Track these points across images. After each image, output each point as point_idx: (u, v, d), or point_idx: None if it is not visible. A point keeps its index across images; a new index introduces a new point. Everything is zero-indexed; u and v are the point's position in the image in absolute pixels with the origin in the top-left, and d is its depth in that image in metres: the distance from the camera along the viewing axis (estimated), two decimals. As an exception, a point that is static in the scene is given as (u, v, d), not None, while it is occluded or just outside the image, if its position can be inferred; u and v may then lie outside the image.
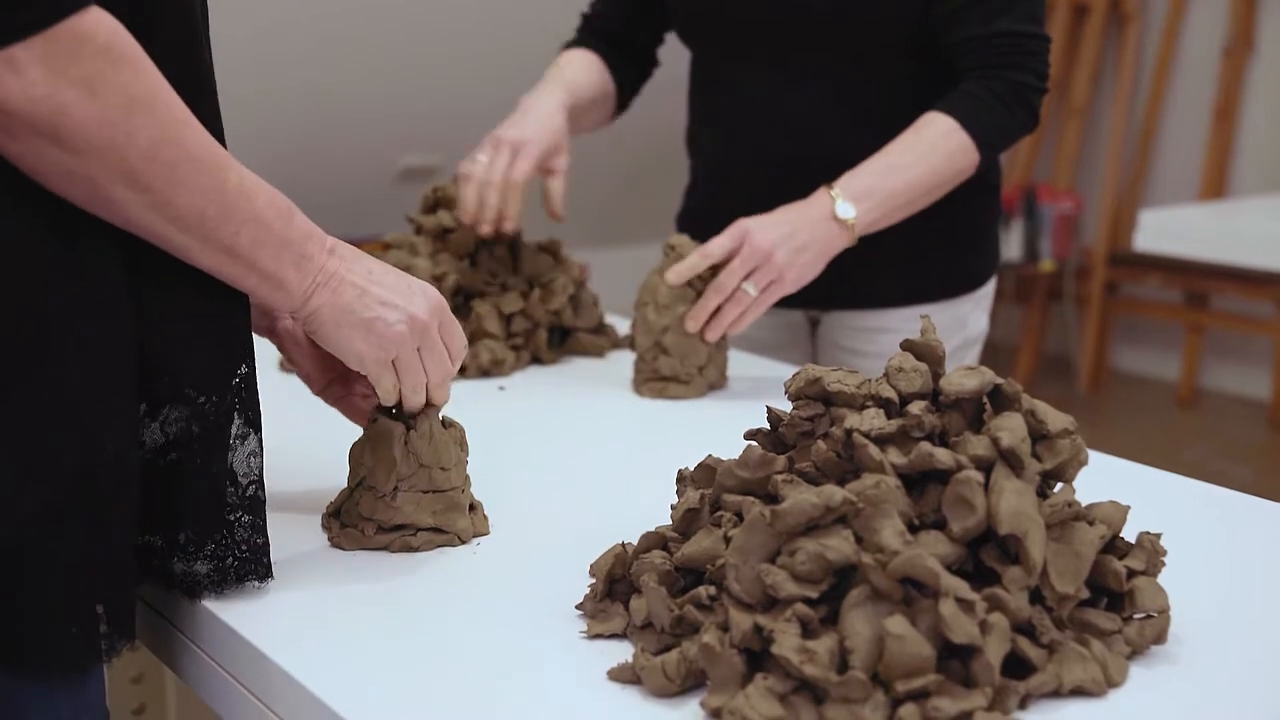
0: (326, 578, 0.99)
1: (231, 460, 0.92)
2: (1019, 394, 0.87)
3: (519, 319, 1.59)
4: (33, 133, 0.79)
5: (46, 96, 0.78)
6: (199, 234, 0.86)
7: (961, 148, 1.49)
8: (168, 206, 0.84)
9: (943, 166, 1.49)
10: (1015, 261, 4.51)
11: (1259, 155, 4.41)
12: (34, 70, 0.77)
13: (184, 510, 0.91)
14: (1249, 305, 4.38)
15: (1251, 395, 4.48)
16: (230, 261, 0.89)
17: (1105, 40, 4.69)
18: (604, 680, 0.84)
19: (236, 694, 0.92)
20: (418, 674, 0.85)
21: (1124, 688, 0.82)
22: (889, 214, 1.48)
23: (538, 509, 1.13)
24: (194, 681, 0.98)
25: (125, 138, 0.81)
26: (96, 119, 0.80)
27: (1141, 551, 0.88)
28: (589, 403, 1.49)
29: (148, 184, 0.83)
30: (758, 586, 0.81)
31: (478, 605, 0.96)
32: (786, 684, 0.77)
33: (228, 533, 0.93)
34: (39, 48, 0.77)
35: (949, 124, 1.49)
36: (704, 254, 1.44)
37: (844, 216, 1.44)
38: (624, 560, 0.92)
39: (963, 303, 1.67)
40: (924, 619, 0.77)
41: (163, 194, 0.84)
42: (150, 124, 0.82)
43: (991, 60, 1.51)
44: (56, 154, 0.80)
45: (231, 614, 0.93)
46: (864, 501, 0.80)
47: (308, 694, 0.83)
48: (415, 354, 0.99)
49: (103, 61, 0.79)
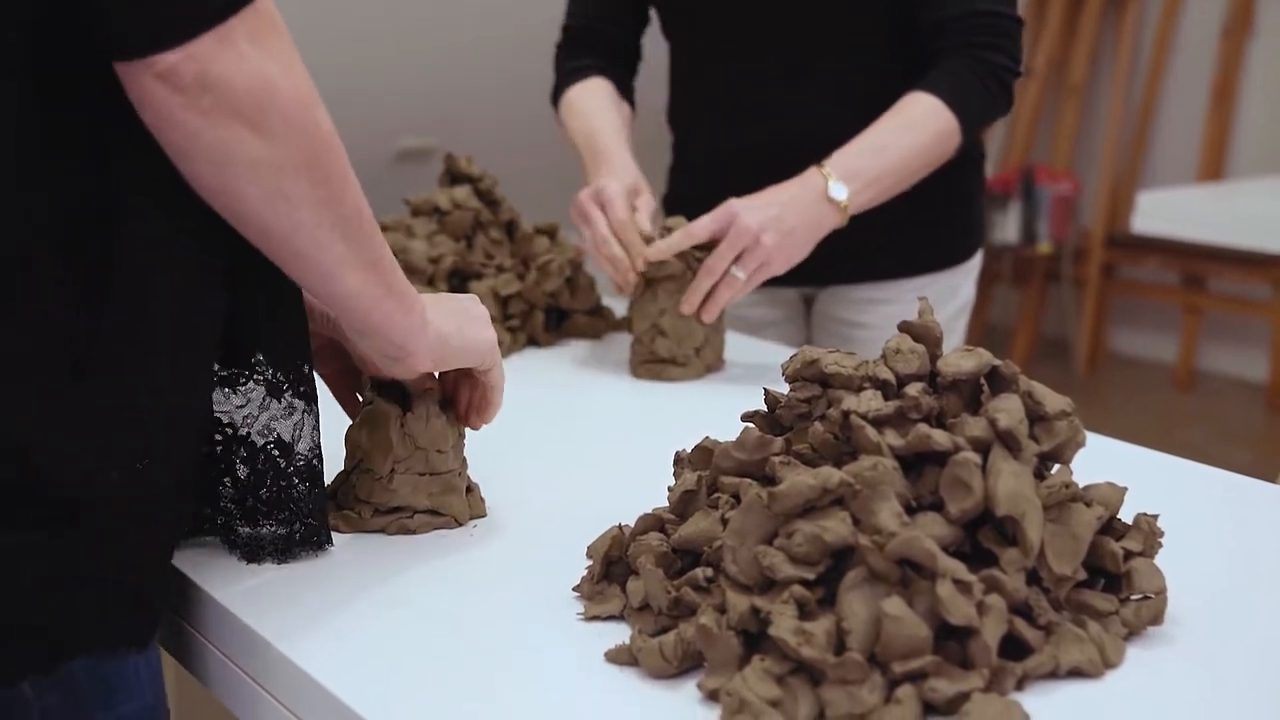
0: (322, 560, 0.98)
1: (298, 432, 0.94)
2: (1016, 376, 0.87)
3: (515, 301, 1.59)
4: (235, 115, 0.76)
5: (258, 72, 0.76)
6: (355, 241, 0.84)
7: (947, 126, 1.49)
8: (337, 203, 0.82)
9: (930, 145, 1.49)
10: (1013, 243, 4.51)
11: (1257, 137, 4.41)
12: (245, 45, 0.75)
13: (252, 478, 0.93)
14: (1246, 287, 4.38)
15: (1249, 377, 4.48)
16: (375, 277, 0.87)
17: (1104, 20, 4.68)
18: (601, 662, 0.84)
19: (233, 676, 0.92)
20: (414, 656, 0.85)
21: (1121, 669, 0.82)
22: (880, 194, 1.48)
23: (534, 491, 1.13)
24: (186, 661, 0.98)
25: (314, 123, 0.79)
26: (295, 97, 0.78)
27: (1138, 533, 0.88)
28: (586, 385, 1.49)
29: (326, 174, 0.81)
30: (755, 568, 0.81)
31: (474, 587, 0.96)
32: (784, 665, 0.77)
33: (294, 504, 0.95)
34: (249, 22, 0.75)
35: (934, 102, 1.49)
36: (688, 234, 1.43)
37: (837, 197, 1.44)
38: (621, 542, 0.92)
39: (954, 273, 1.69)
40: (921, 600, 0.77)
41: (336, 189, 0.82)
42: (324, 114, 0.80)
43: (968, 40, 1.51)
44: (252, 142, 0.77)
45: (225, 594, 0.93)
46: (861, 483, 0.80)
47: (303, 674, 0.83)
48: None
49: (288, 42, 0.78)
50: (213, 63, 0.75)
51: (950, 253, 1.69)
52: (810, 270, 1.50)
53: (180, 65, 0.74)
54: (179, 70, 0.74)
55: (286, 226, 0.81)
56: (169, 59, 0.74)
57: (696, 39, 1.66)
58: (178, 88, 0.75)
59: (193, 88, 0.75)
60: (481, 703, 0.80)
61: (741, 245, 1.41)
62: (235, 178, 0.78)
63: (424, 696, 0.81)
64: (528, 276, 1.60)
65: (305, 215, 0.81)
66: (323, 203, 0.81)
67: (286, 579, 0.95)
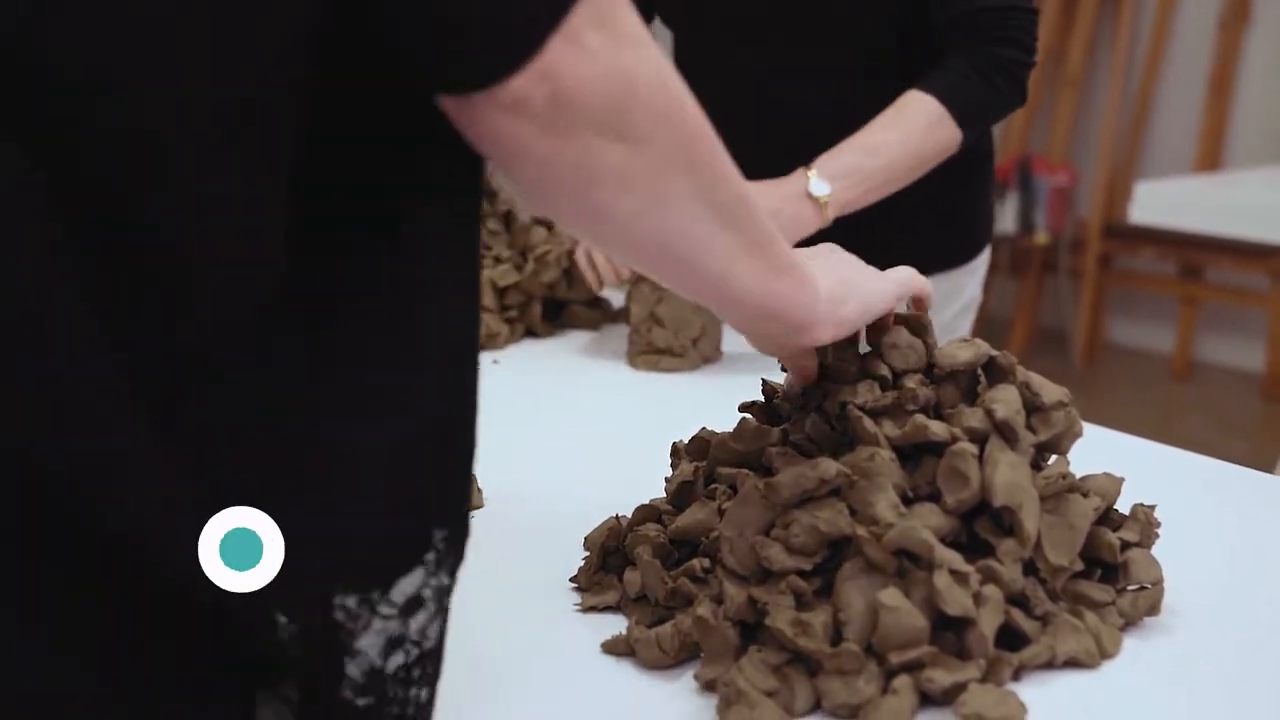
0: (320, 551, 0.98)
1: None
2: (1014, 366, 0.87)
3: (513, 292, 1.59)
4: (592, 126, 0.61)
5: (615, 69, 0.60)
6: (737, 226, 0.71)
7: (942, 125, 1.48)
8: (717, 189, 0.69)
9: (922, 145, 1.48)
10: (1010, 234, 4.51)
11: (1254, 127, 4.41)
12: (594, 38, 0.59)
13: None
14: (1243, 277, 4.38)
15: (1246, 367, 4.48)
16: (761, 264, 0.74)
17: (1101, 11, 4.67)
18: (598, 653, 0.84)
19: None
20: (412, 647, 0.85)
21: (1117, 659, 0.82)
22: (866, 194, 1.46)
23: (532, 482, 1.13)
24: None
25: (679, 105, 0.65)
26: (658, 85, 0.63)
27: (1135, 523, 0.88)
28: (583, 376, 1.49)
29: (700, 159, 0.67)
30: (752, 559, 0.81)
31: (471, 578, 0.95)
32: (780, 656, 0.77)
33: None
34: (592, 9, 0.59)
35: (929, 102, 1.47)
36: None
37: (817, 194, 1.42)
38: (618, 533, 0.92)
39: (960, 273, 1.67)
40: (918, 591, 0.77)
41: (711, 172, 0.68)
42: (679, 81, 0.65)
43: (977, 36, 1.50)
44: (614, 151, 0.62)
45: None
46: (858, 474, 0.80)
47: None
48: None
49: (628, 10, 0.62)
50: (564, 74, 0.59)
51: (956, 252, 1.67)
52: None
53: (530, 89, 0.58)
54: (530, 96, 0.58)
55: (667, 233, 0.68)
56: (516, 85, 0.58)
57: (700, 27, 1.66)
58: (529, 114, 0.59)
59: (546, 111, 0.59)
60: (477, 692, 0.80)
61: None
62: (602, 196, 0.64)
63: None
64: (525, 267, 1.60)
65: (686, 211, 0.68)
66: (700, 193, 0.68)
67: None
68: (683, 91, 0.66)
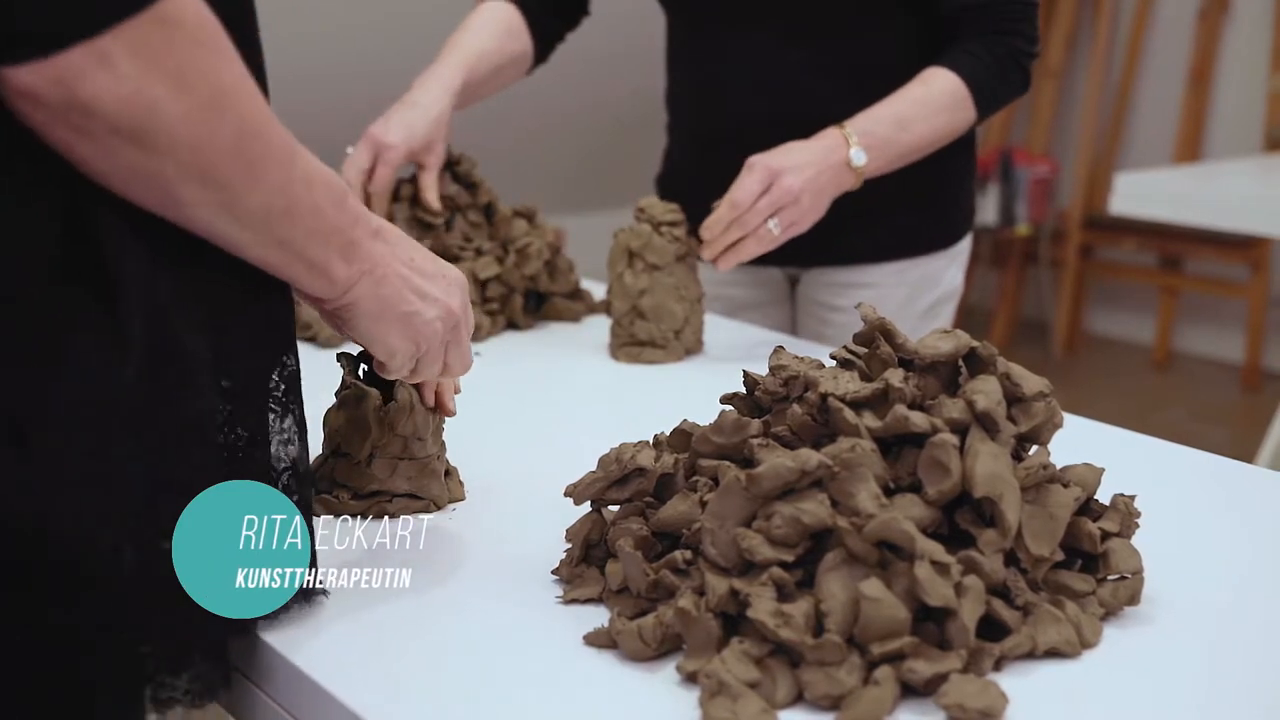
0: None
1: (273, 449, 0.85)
2: (994, 357, 0.87)
3: (495, 284, 1.58)
4: (112, 133, 0.68)
5: (138, 93, 0.67)
6: (259, 230, 0.78)
7: (964, 107, 1.51)
8: (236, 205, 0.75)
9: (946, 124, 1.52)
10: (991, 225, 4.51)
11: (1234, 118, 4.42)
12: (125, 64, 0.66)
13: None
14: (1223, 268, 4.40)
15: (1225, 358, 4.50)
16: (280, 253, 0.80)
17: (1081, 3, 4.68)
18: (580, 645, 0.84)
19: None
20: (391, 639, 0.85)
21: (1098, 649, 0.82)
22: (890, 165, 1.50)
23: (513, 475, 1.12)
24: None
25: (209, 134, 0.71)
26: (184, 115, 0.69)
27: (1116, 513, 0.89)
28: (565, 368, 1.49)
29: (224, 181, 0.74)
30: (734, 550, 0.81)
31: (453, 571, 0.95)
32: (763, 647, 0.77)
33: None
34: (130, 36, 0.66)
35: (955, 81, 1.50)
36: (734, 204, 1.42)
37: (857, 164, 1.46)
38: (600, 525, 0.92)
39: (939, 258, 1.68)
40: (899, 582, 0.77)
41: (235, 192, 0.75)
42: (235, 118, 0.72)
43: (990, 26, 1.53)
44: (131, 154, 0.70)
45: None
46: (839, 465, 0.80)
47: (279, 657, 0.83)
48: (442, 347, 0.95)
49: (193, 49, 0.69)
50: (83, 85, 0.66)
51: (938, 236, 1.68)
52: (796, 248, 1.50)
53: (41, 88, 0.66)
54: (43, 93, 0.66)
55: (174, 216, 0.75)
56: (26, 80, 0.66)
57: (692, 14, 1.65)
58: (42, 106, 0.67)
59: (62, 109, 0.67)
60: (459, 684, 0.80)
61: (781, 204, 1.42)
62: (117, 183, 0.72)
63: (401, 678, 0.81)
64: (506, 259, 1.60)
65: (196, 213, 0.75)
66: (220, 205, 0.75)
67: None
68: (221, 123, 0.72)
